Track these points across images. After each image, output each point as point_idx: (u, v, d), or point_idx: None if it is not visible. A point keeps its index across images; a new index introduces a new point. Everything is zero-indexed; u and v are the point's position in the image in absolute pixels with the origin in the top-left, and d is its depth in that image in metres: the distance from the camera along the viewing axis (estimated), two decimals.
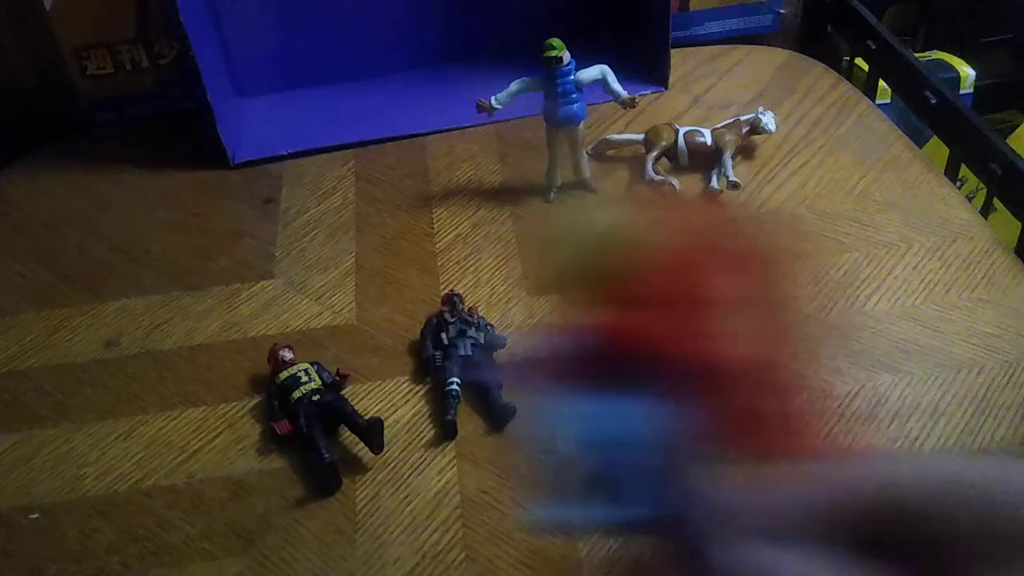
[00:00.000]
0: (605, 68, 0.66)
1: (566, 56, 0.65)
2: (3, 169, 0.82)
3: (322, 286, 0.66)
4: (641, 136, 0.74)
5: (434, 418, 0.56)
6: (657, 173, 0.71)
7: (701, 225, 0.31)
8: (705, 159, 0.72)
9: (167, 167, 0.79)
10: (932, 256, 0.64)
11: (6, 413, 0.59)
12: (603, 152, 0.75)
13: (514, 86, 0.67)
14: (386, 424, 0.54)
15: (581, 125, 0.68)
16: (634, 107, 0.67)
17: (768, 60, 0.85)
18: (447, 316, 0.59)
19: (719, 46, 0.88)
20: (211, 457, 0.55)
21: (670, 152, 0.72)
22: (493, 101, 0.67)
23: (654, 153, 0.71)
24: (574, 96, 0.66)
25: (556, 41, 0.64)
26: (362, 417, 0.53)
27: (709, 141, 0.71)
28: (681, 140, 0.72)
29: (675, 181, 0.70)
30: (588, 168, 0.71)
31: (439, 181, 0.75)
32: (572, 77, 0.66)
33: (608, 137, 0.75)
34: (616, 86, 0.67)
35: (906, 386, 0.55)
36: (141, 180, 0.79)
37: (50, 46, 0.81)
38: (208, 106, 0.75)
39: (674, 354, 0.27)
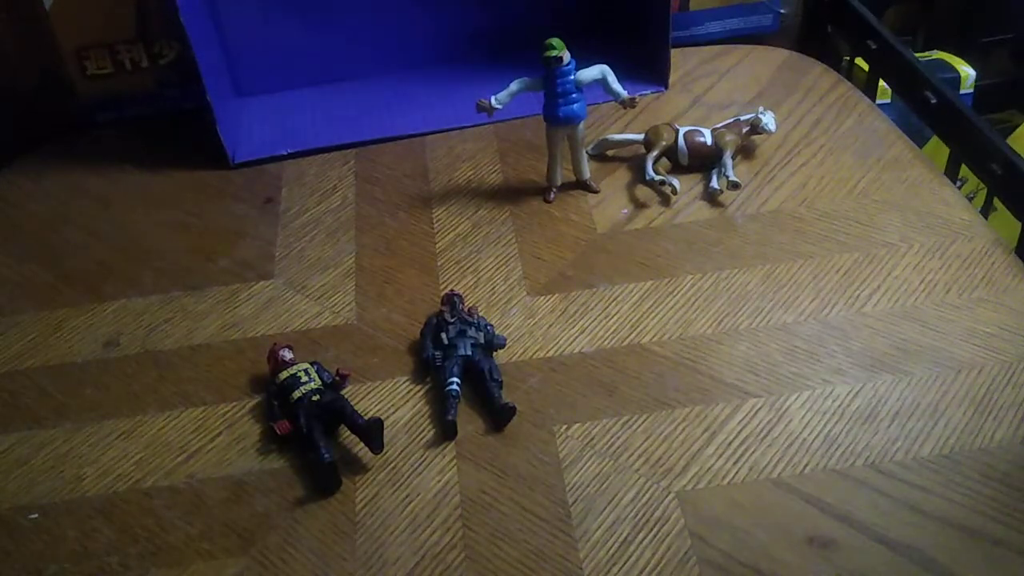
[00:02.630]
0: (605, 68, 0.67)
1: (566, 56, 0.65)
2: (3, 169, 0.82)
3: (322, 286, 0.66)
4: (641, 136, 0.74)
5: (434, 418, 0.56)
6: (657, 173, 0.71)
7: None
8: (705, 159, 0.72)
9: (167, 167, 0.79)
10: (932, 256, 0.64)
11: (6, 413, 0.59)
12: (603, 152, 0.75)
13: (514, 86, 0.67)
14: (386, 424, 0.54)
15: (581, 125, 0.68)
16: (634, 107, 0.67)
17: (768, 60, 0.85)
18: (447, 316, 0.59)
19: (719, 46, 0.88)
20: (211, 457, 0.55)
21: (670, 152, 0.72)
22: (493, 101, 0.67)
23: (654, 153, 0.71)
24: (574, 96, 0.66)
25: (556, 41, 0.64)
26: (362, 417, 0.53)
27: (709, 141, 0.71)
28: (681, 140, 0.72)
29: (675, 181, 0.70)
30: (588, 168, 0.71)
31: (439, 181, 0.75)
32: (572, 77, 0.66)
33: (608, 137, 0.75)
34: (616, 86, 0.67)
35: (906, 386, 0.55)
36: (141, 180, 0.79)
37: (50, 46, 0.81)
38: (208, 106, 0.75)
39: None
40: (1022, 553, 0.46)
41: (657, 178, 0.71)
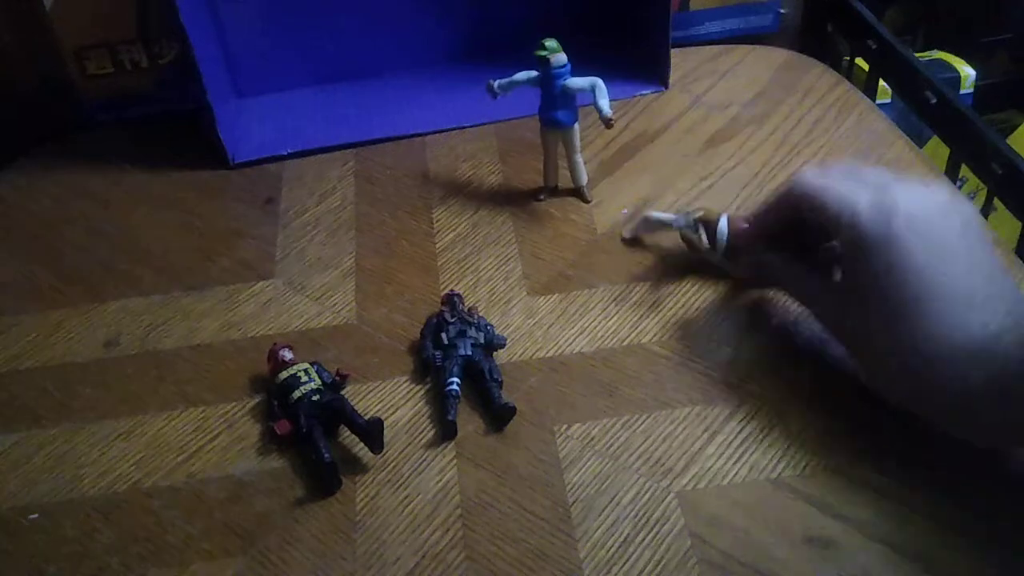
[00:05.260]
0: (597, 81, 0.64)
1: (556, 58, 0.64)
2: (3, 169, 0.82)
3: (322, 286, 0.66)
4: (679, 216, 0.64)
5: (434, 418, 0.56)
6: (696, 226, 0.63)
7: None
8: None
9: (167, 167, 0.79)
10: None
11: (6, 413, 0.59)
12: (646, 232, 0.67)
13: (518, 76, 0.66)
14: (386, 424, 0.54)
15: (576, 129, 0.68)
16: (611, 128, 0.66)
17: (768, 60, 0.85)
18: (447, 316, 0.59)
19: (719, 46, 0.88)
20: (211, 457, 0.55)
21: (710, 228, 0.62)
22: (496, 85, 0.66)
23: (699, 215, 0.63)
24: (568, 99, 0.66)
25: (550, 42, 0.64)
26: (362, 417, 0.53)
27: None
28: (723, 221, 0.62)
29: (704, 234, 0.62)
30: (584, 174, 0.71)
31: (439, 181, 0.75)
32: (565, 81, 0.65)
33: (650, 215, 0.66)
34: (602, 101, 0.64)
35: None
36: (141, 180, 0.79)
37: (50, 46, 0.81)
38: (208, 106, 0.75)
39: None
40: (1022, 553, 0.46)
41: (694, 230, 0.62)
